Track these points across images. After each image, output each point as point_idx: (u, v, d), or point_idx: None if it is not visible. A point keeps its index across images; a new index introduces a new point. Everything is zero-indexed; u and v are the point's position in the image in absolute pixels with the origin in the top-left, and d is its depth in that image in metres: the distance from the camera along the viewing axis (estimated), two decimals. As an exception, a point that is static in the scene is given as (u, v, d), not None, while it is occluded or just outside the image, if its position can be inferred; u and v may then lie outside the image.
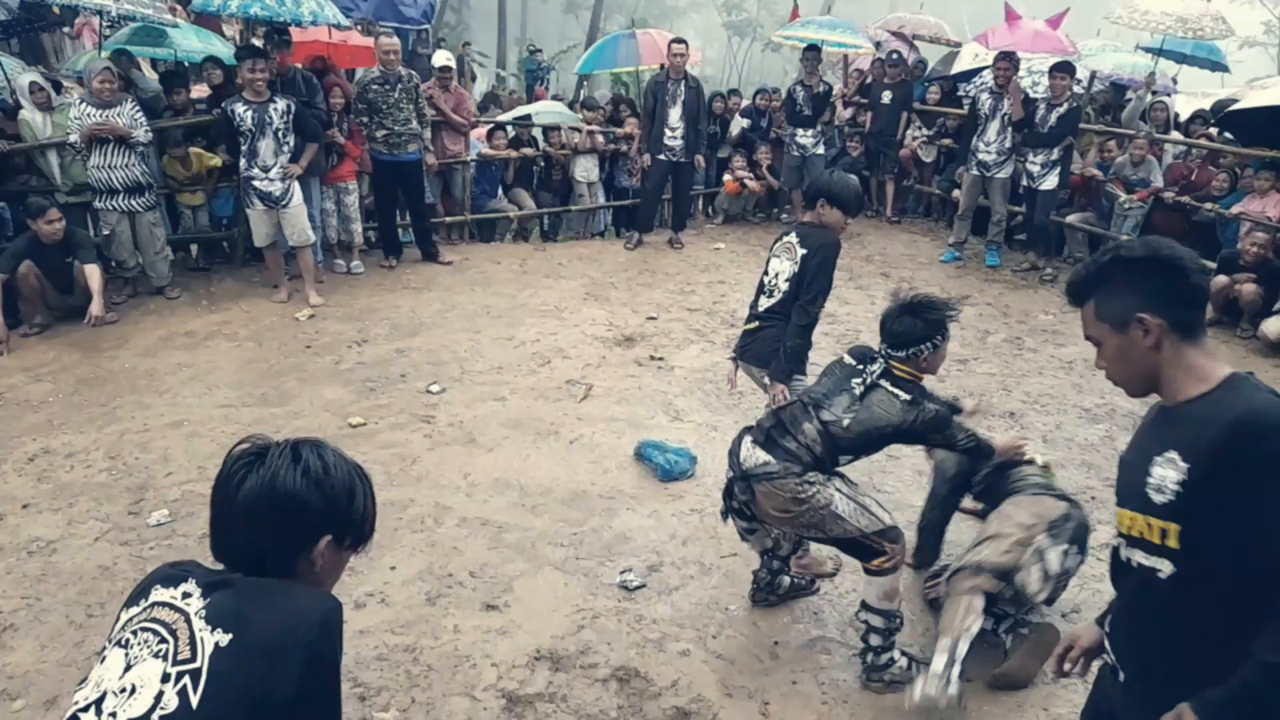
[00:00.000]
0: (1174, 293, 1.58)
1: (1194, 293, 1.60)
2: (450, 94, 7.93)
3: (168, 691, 1.27)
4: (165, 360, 5.58)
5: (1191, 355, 1.59)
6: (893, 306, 3.06)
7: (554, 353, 5.86)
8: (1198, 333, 1.60)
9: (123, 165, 6.11)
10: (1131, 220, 7.88)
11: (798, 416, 3.00)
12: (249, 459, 1.41)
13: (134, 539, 3.79)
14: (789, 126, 9.05)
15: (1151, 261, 1.60)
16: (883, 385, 2.96)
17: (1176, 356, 1.59)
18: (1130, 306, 1.60)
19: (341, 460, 1.47)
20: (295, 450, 1.42)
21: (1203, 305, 1.64)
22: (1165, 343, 1.59)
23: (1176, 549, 1.55)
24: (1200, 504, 1.50)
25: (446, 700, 2.94)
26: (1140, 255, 1.61)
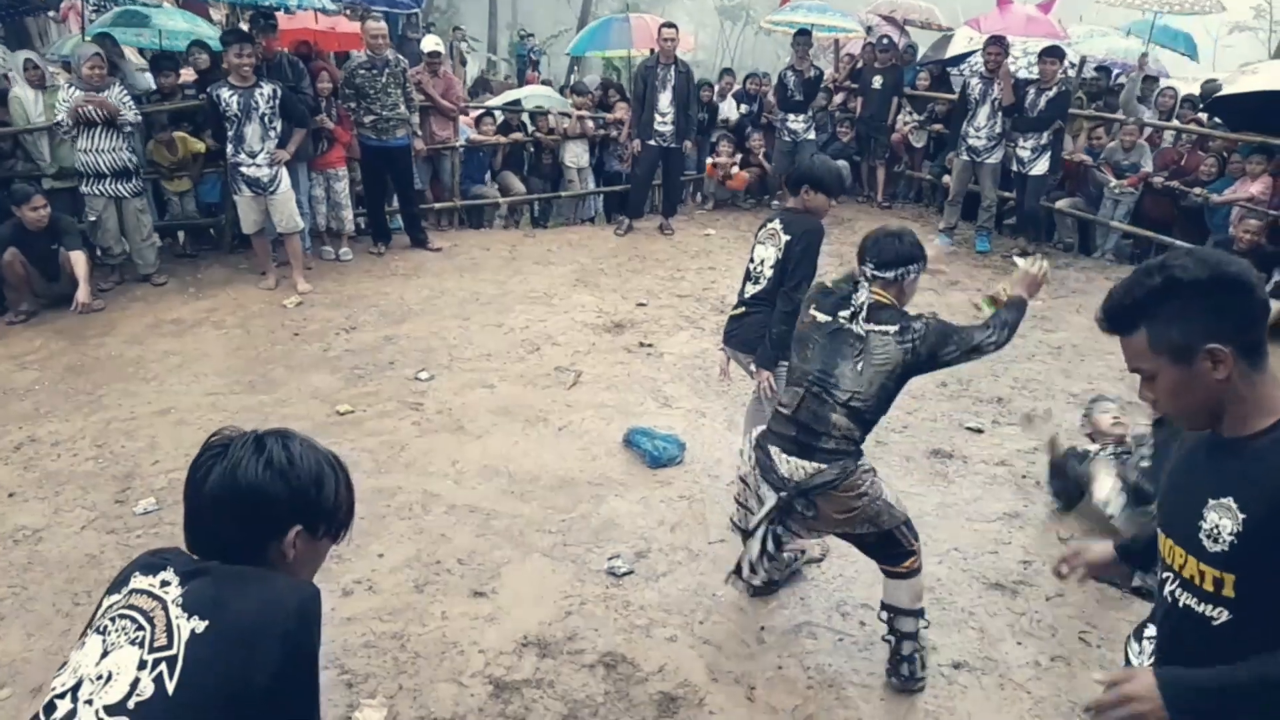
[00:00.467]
0: (1242, 316, 1.41)
1: (1261, 312, 1.43)
2: (439, 79, 7.88)
3: (144, 678, 1.27)
4: (152, 348, 5.55)
5: (1261, 384, 1.43)
6: (874, 232, 2.93)
7: (543, 339, 5.85)
8: (1265, 356, 1.44)
9: (110, 149, 6.06)
10: (1123, 207, 7.90)
11: (818, 411, 2.80)
12: (216, 450, 1.41)
13: (120, 527, 3.78)
14: (780, 112, 9.03)
15: (1216, 282, 1.40)
16: (872, 330, 2.75)
17: (1246, 388, 1.43)
18: (1197, 335, 1.41)
19: (310, 450, 1.45)
20: (259, 441, 1.42)
21: (1265, 324, 1.45)
22: (1236, 374, 1.42)
23: (1233, 598, 1.44)
24: (1259, 554, 1.39)
25: (434, 687, 2.94)
26: (1203, 276, 1.40)
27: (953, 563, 3.71)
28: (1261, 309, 1.42)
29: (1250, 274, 1.41)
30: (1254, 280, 1.41)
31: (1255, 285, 1.41)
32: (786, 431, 2.86)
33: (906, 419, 4.97)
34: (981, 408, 5.16)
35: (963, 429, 4.88)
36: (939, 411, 5.07)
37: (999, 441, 4.77)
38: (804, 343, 2.90)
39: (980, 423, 4.95)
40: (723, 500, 4.12)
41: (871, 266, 2.86)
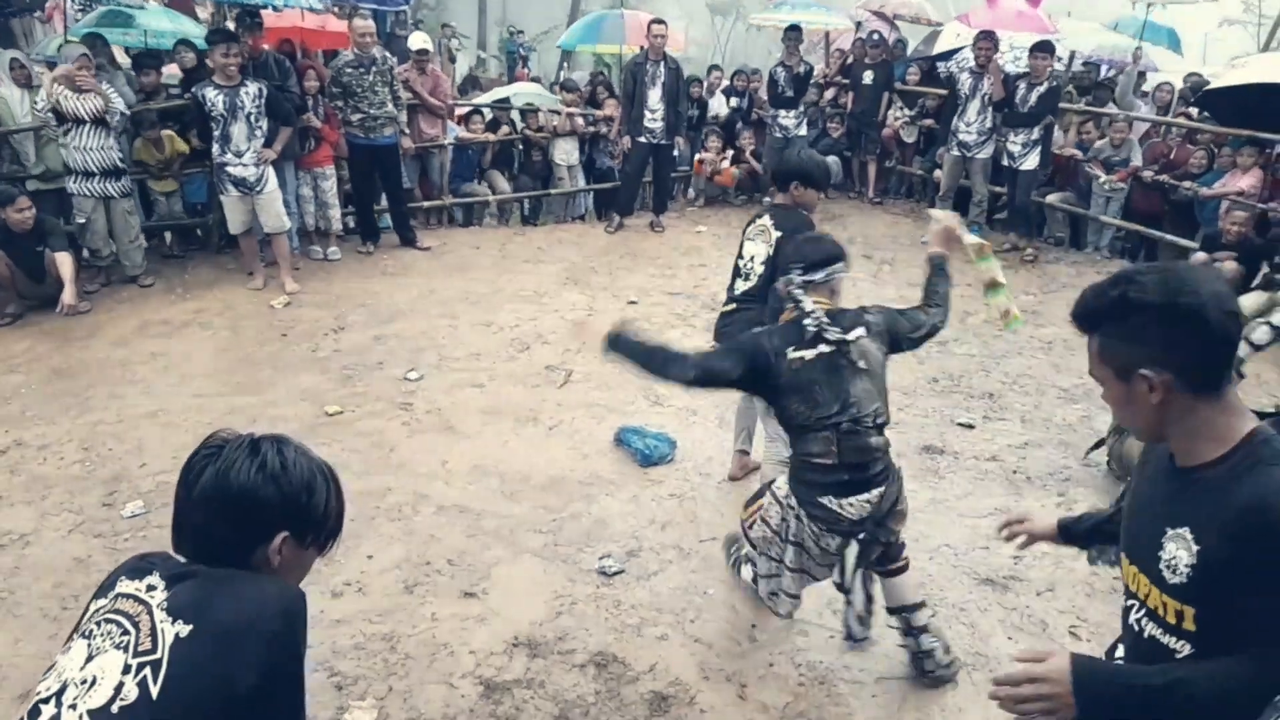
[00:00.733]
0: (1190, 350, 1.34)
1: (1216, 349, 1.35)
2: (427, 76, 7.84)
3: (128, 682, 1.27)
4: (139, 349, 5.52)
5: (1206, 413, 1.37)
6: (792, 240, 2.88)
7: (533, 338, 5.84)
8: (1217, 387, 1.37)
9: (99, 147, 6.03)
10: (1114, 202, 7.91)
11: (859, 445, 2.66)
12: (211, 451, 1.42)
13: (108, 531, 3.76)
14: (771, 108, 9.02)
15: (1167, 310, 1.33)
16: (853, 341, 2.66)
17: (1188, 416, 1.38)
18: (1136, 357, 1.37)
19: (304, 458, 1.45)
20: (255, 445, 1.42)
21: (1226, 359, 1.36)
22: (1174, 401, 1.37)
23: (1194, 631, 1.40)
24: (1215, 588, 1.35)
25: (424, 688, 2.93)
26: (1155, 301, 1.34)
27: (943, 558, 3.71)
28: (1215, 346, 1.35)
29: (1209, 308, 1.32)
30: (1211, 314, 1.32)
31: (1210, 319, 1.32)
32: (837, 478, 2.68)
33: (898, 415, 4.93)
34: (973, 403, 5.16)
35: (954, 425, 4.88)
36: (930, 407, 5.08)
37: (990, 437, 4.78)
38: (805, 389, 2.66)
39: (971, 418, 4.95)
40: (714, 499, 4.12)
41: (799, 272, 2.76)
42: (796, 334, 2.68)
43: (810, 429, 2.68)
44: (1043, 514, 2.01)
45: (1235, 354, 1.39)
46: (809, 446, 2.70)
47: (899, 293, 7.00)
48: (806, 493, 2.73)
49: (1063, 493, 4.28)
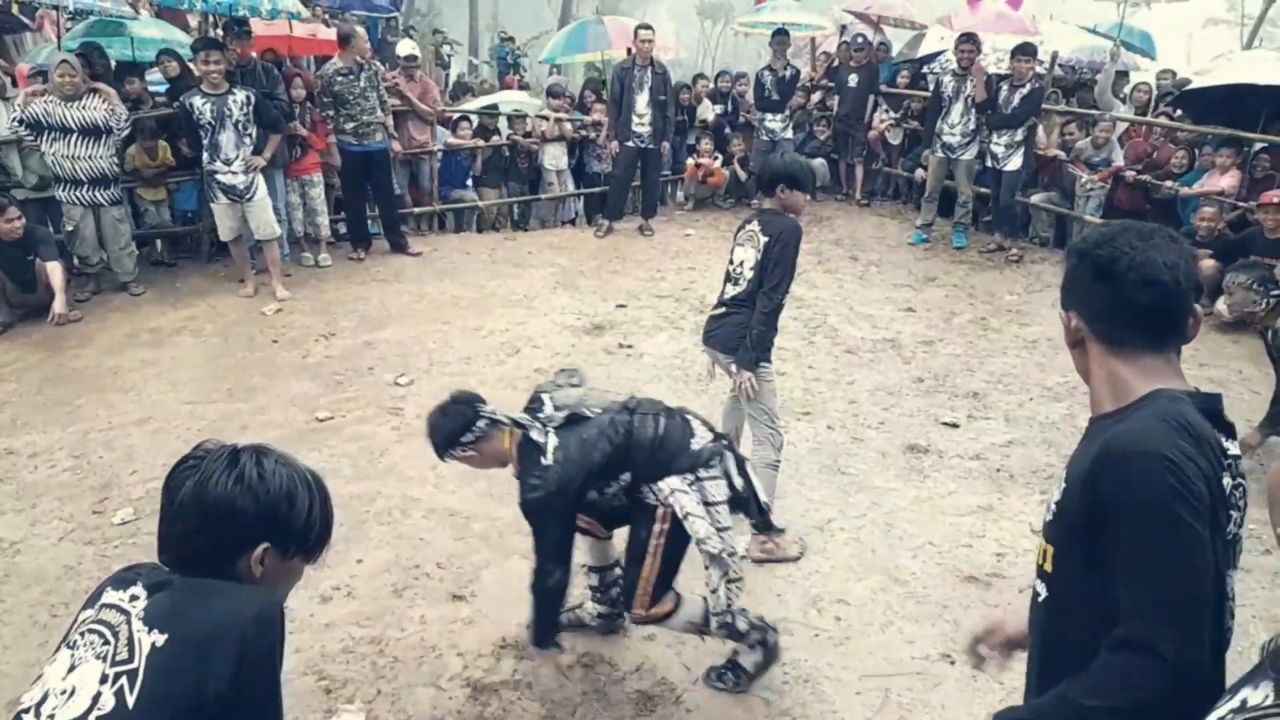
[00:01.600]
0: (1099, 301, 1.42)
1: (1125, 308, 1.39)
2: (415, 83, 7.88)
3: (105, 692, 1.29)
4: (130, 357, 5.54)
5: (1115, 368, 1.42)
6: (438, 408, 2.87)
7: (523, 342, 5.87)
8: (1133, 346, 1.41)
9: (86, 156, 6.04)
10: (1095, 200, 7.98)
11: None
12: (192, 463, 1.43)
13: (98, 538, 3.78)
14: (758, 112, 9.08)
15: (1084, 258, 1.43)
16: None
17: (1100, 366, 1.44)
18: (1065, 297, 1.48)
19: (284, 467, 1.46)
20: (234, 456, 1.43)
21: (1140, 321, 1.40)
22: (1091, 348, 1.45)
23: (1050, 572, 1.45)
24: (1066, 530, 1.40)
25: (412, 691, 2.96)
26: (1079, 248, 1.46)
27: (927, 556, 3.76)
28: (1124, 301, 1.38)
29: (1121, 266, 1.37)
30: (1121, 272, 1.37)
31: (1119, 277, 1.37)
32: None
33: (883, 415, 5.02)
34: (957, 402, 5.21)
35: (938, 424, 4.93)
36: (915, 407, 5.13)
37: (974, 436, 4.83)
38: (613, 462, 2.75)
39: (956, 417, 5.00)
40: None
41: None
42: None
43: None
44: (1014, 618, 1.78)
45: (1160, 322, 1.39)
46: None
47: (885, 294, 7.07)
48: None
49: (1045, 490, 4.33)
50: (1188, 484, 1.26)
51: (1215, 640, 1.34)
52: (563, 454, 2.68)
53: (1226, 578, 1.36)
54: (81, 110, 5.98)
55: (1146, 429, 1.31)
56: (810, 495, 4.20)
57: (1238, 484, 1.39)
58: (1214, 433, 1.36)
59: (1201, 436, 1.32)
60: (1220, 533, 1.32)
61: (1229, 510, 1.35)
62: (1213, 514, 1.29)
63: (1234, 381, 5.64)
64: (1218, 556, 1.31)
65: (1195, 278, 1.41)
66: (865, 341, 6.07)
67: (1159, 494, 1.27)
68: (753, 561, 3.67)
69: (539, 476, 2.66)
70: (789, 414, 4.89)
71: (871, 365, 5.70)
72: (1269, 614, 3.40)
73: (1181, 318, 1.40)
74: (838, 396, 5.24)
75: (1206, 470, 1.29)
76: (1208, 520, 1.28)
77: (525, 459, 2.72)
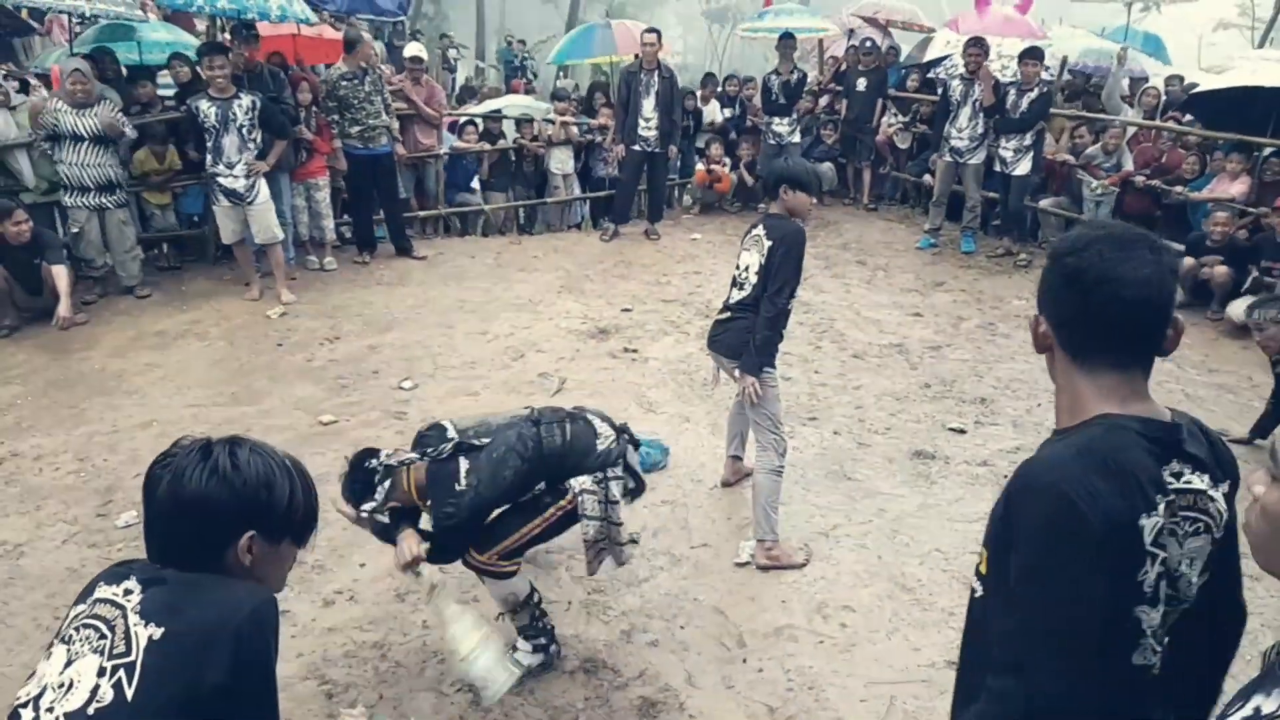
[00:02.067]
0: (1067, 309, 1.35)
1: (1090, 319, 1.33)
2: (422, 86, 7.89)
3: (103, 685, 1.30)
4: (135, 361, 5.54)
5: (1076, 380, 1.37)
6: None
7: (528, 346, 5.86)
8: (1095, 361, 1.34)
9: (95, 163, 6.08)
10: (1104, 206, 7.95)
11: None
12: (167, 460, 1.44)
13: (102, 541, 3.78)
14: (765, 116, 9.07)
15: (1053, 262, 1.37)
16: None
17: (1063, 376, 1.40)
18: (1038, 301, 1.42)
19: (258, 456, 1.46)
20: (206, 449, 1.43)
21: (1107, 335, 1.33)
22: (1057, 356, 1.39)
23: (984, 574, 1.43)
24: (992, 540, 1.39)
25: (414, 696, 2.95)
26: (1051, 252, 1.40)
27: (934, 563, 3.73)
28: (1088, 314, 1.32)
29: (1090, 277, 1.29)
30: (1088, 284, 1.30)
31: (1083, 287, 1.30)
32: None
33: (890, 420, 4.99)
34: (964, 408, 5.18)
35: (945, 430, 4.90)
36: (922, 413, 5.09)
37: (981, 442, 4.79)
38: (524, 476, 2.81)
39: (963, 423, 4.97)
40: (705, 505, 4.15)
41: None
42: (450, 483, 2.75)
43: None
44: None
45: (1125, 338, 1.32)
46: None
47: (892, 299, 7.04)
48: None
49: (1053, 497, 4.29)
50: (1080, 523, 1.22)
51: (1127, 677, 1.29)
52: (475, 477, 2.69)
53: (1141, 615, 1.28)
54: (93, 118, 6.01)
55: (1056, 462, 1.29)
56: (816, 501, 4.18)
57: (1184, 517, 1.30)
58: (1155, 467, 1.28)
59: (1125, 472, 1.25)
60: (1128, 572, 1.26)
61: (1155, 547, 1.27)
62: (1122, 552, 1.24)
63: (1244, 388, 5.60)
64: (1121, 595, 1.26)
65: (1172, 291, 1.32)
66: (872, 346, 6.04)
67: (1046, 529, 1.25)
68: (758, 568, 3.65)
69: (454, 503, 2.68)
70: (795, 419, 4.87)
71: (878, 370, 5.67)
72: (1278, 623, 3.36)
73: (1151, 335, 1.32)
74: (844, 401, 5.21)
75: (1117, 510, 1.24)
76: (1104, 560, 1.23)
77: (437, 486, 2.72)
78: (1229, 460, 1.39)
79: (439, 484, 2.72)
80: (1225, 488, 1.36)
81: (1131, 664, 1.29)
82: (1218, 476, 1.35)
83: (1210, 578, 1.37)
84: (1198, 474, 1.32)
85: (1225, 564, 1.39)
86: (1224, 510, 1.35)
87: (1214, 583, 1.38)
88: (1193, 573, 1.33)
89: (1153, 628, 1.30)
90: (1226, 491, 1.36)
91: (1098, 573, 1.24)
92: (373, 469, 2.78)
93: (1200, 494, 1.31)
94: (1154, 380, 1.44)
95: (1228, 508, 1.36)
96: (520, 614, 2.96)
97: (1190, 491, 1.31)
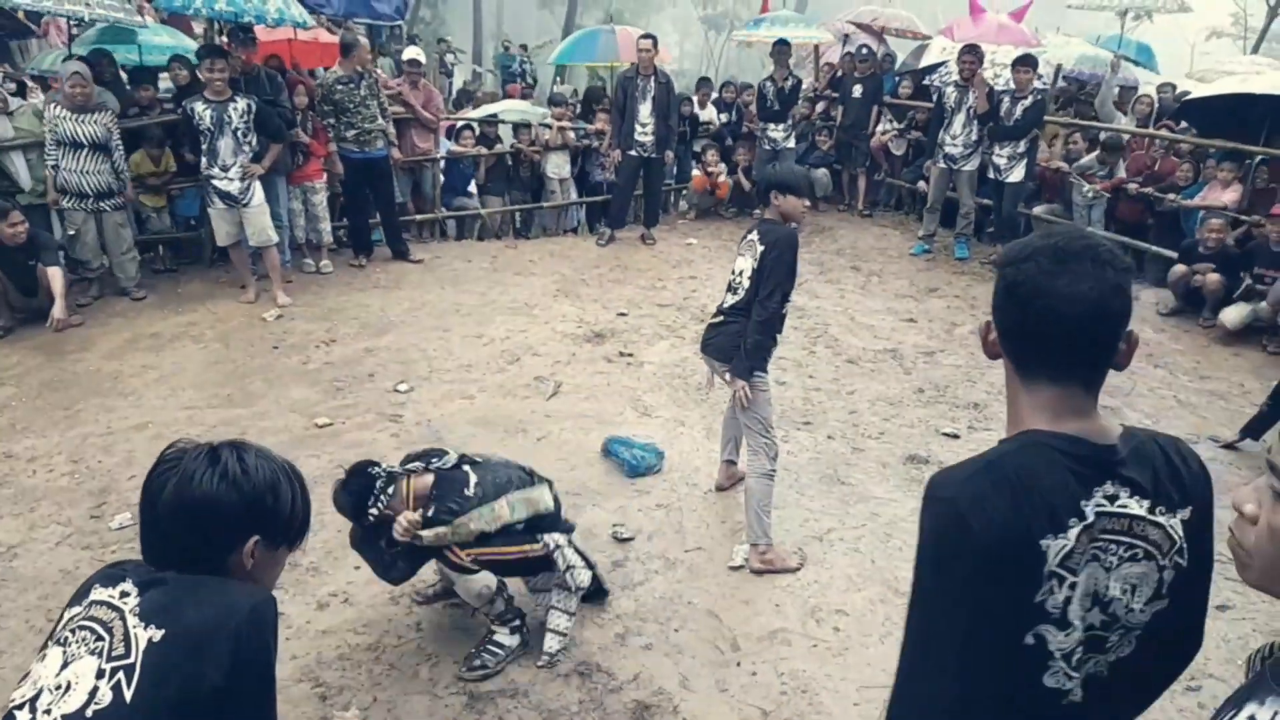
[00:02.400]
0: (1009, 320, 1.30)
1: (1028, 333, 1.27)
2: (419, 90, 7.91)
3: (102, 687, 1.30)
4: (130, 362, 5.54)
5: (1017, 392, 1.32)
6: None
7: (523, 350, 5.87)
8: (1035, 373, 1.29)
9: (94, 170, 6.09)
10: (1097, 212, 8.00)
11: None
12: (171, 463, 1.43)
13: (95, 542, 3.77)
14: (760, 122, 9.11)
15: (1000, 275, 1.31)
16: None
17: (1009, 386, 1.34)
18: (991, 306, 1.35)
19: (264, 461, 1.47)
20: (214, 453, 1.44)
21: (1044, 350, 1.27)
22: (1005, 365, 1.34)
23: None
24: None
25: (408, 699, 2.95)
26: (999, 259, 1.34)
27: (927, 567, 3.74)
28: (1027, 327, 1.27)
29: (1026, 289, 1.24)
30: (1024, 296, 1.24)
31: (1021, 299, 1.25)
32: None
33: (883, 425, 5.01)
34: (958, 413, 5.20)
35: (939, 435, 4.92)
36: (915, 417, 5.11)
37: (974, 447, 4.79)
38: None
39: (956, 428, 4.99)
40: (700, 509, 4.16)
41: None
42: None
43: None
44: None
45: (1062, 354, 1.26)
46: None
47: (886, 304, 7.07)
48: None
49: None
50: (966, 535, 1.20)
51: (1037, 697, 1.27)
52: (481, 490, 3.00)
53: (1046, 636, 1.24)
54: (92, 125, 6.03)
55: (959, 475, 1.26)
56: (810, 505, 4.19)
57: (1113, 542, 1.25)
58: (1076, 489, 1.23)
59: (1030, 491, 1.21)
60: (1025, 591, 1.22)
61: (1063, 569, 1.23)
62: (1016, 570, 1.21)
63: (1235, 395, 5.63)
64: (1018, 613, 1.23)
65: (1118, 306, 1.23)
66: (866, 351, 6.06)
67: (936, 540, 1.25)
68: (751, 572, 3.66)
69: (459, 503, 2.95)
70: (789, 423, 4.89)
71: (872, 375, 5.69)
72: (1269, 627, 3.38)
73: (1093, 350, 1.26)
74: (838, 406, 5.23)
75: (1009, 526, 1.20)
76: (993, 574, 1.21)
77: (446, 488, 3.00)
78: (1193, 484, 1.31)
79: (449, 486, 3.01)
80: (1185, 514, 1.29)
81: (1043, 685, 1.26)
82: (1170, 502, 1.28)
83: (1169, 606, 1.31)
84: (1135, 498, 1.26)
85: (1187, 593, 1.32)
86: (1175, 537, 1.28)
87: (1172, 611, 1.31)
88: (1135, 599, 1.28)
89: (1063, 650, 1.25)
90: (1187, 518, 1.29)
91: (986, 586, 1.21)
92: (375, 475, 3.02)
93: (1136, 519, 1.26)
94: (1148, 386, 1.42)
95: (1184, 535, 1.29)
96: (495, 604, 3.07)
97: (1123, 516, 1.25)
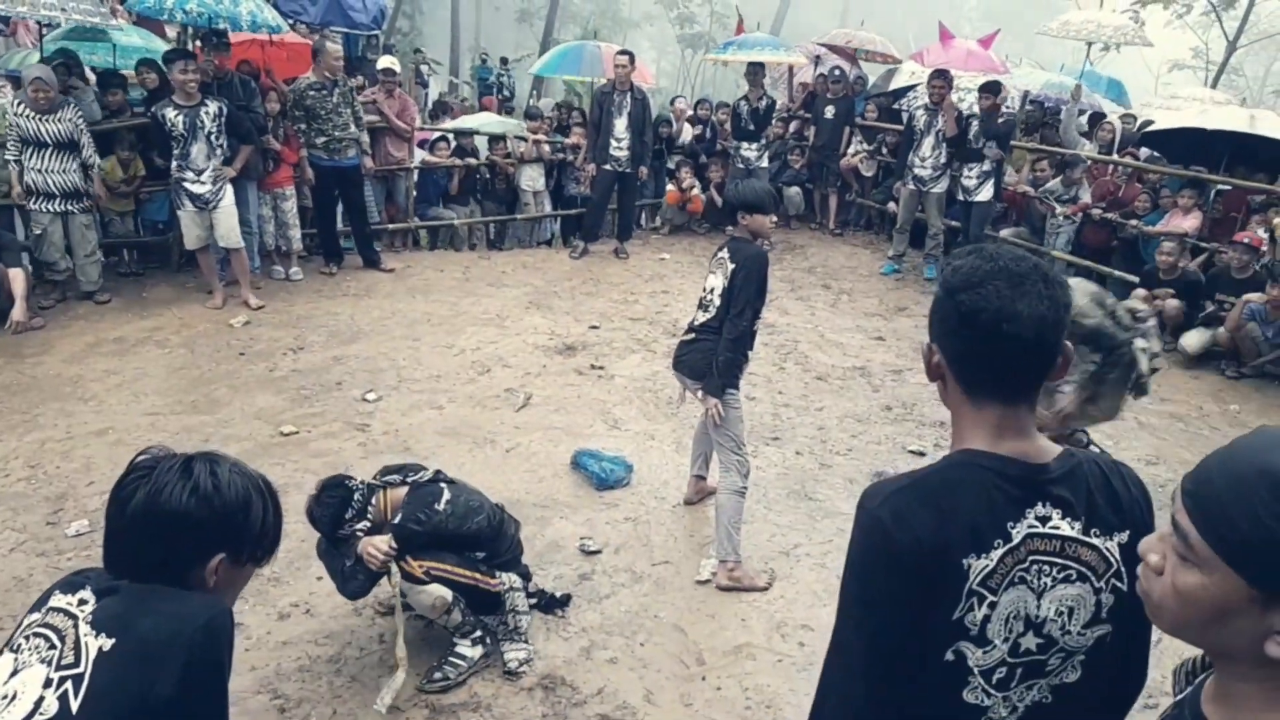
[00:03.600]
0: (961, 345, 1.28)
1: (983, 358, 1.27)
2: (394, 99, 7.89)
3: (48, 696, 1.27)
4: (92, 367, 5.44)
5: (964, 413, 1.31)
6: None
7: (494, 361, 5.85)
8: (984, 396, 1.28)
9: (60, 170, 6.00)
10: (1064, 236, 8.15)
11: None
12: (142, 472, 1.40)
13: (51, 549, 3.69)
14: (734, 140, 9.19)
15: (951, 302, 1.27)
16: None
17: (953, 407, 1.34)
18: (931, 330, 1.34)
19: (237, 475, 1.44)
20: (187, 465, 1.40)
21: (999, 373, 1.26)
22: (950, 387, 1.33)
23: None
24: None
25: (368, 712, 2.90)
26: (946, 285, 1.30)
27: (891, 583, 3.76)
28: (974, 352, 1.27)
29: (986, 316, 1.22)
30: (982, 321, 1.23)
31: (979, 326, 1.23)
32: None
33: (851, 442, 5.05)
34: (924, 431, 5.26)
35: (905, 452, 4.97)
36: (883, 435, 5.16)
37: (940, 464, 4.86)
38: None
39: (922, 446, 5.04)
40: (668, 523, 4.16)
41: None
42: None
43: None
44: None
45: (1016, 375, 1.27)
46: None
47: (855, 322, 7.14)
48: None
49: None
50: (886, 546, 1.23)
51: (955, 713, 1.28)
52: (451, 508, 3.04)
53: (965, 652, 1.25)
54: (57, 124, 5.94)
55: (891, 488, 1.27)
56: (777, 520, 4.21)
57: (1043, 563, 1.25)
58: (1005, 509, 1.24)
59: (954, 509, 1.23)
60: (944, 607, 1.23)
61: (984, 589, 1.23)
62: (935, 585, 1.22)
63: (1194, 417, 5.75)
64: (935, 628, 1.24)
65: (1064, 324, 1.26)
66: (835, 369, 6.12)
67: (860, 553, 1.29)
68: (719, 588, 3.67)
69: (426, 514, 3.00)
70: (758, 439, 4.91)
71: (841, 392, 5.74)
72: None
73: (1042, 368, 1.28)
74: (807, 423, 5.27)
75: (930, 542, 1.21)
76: (912, 587, 1.22)
77: (417, 499, 3.04)
78: (1132, 507, 1.31)
79: (420, 498, 3.05)
80: (1122, 537, 1.28)
81: (963, 701, 1.28)
82: (1105, 525, 1.28)
83: (1112, 631, 1.30)
84: (1067, 520, 1.26)
85: (1130, 619, 1.29)
86: (1112, 560, 1.28)
87: (1116, 637, 1.31)
88: (1071, 621, 1.27)
89: (981, 667, 1.26)
90: (1125, 541, 1.28)
91: (907, 599, 1.23)
92: (353, 488, 3.07)
93: (1068, 540, 1.26)
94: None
95: (1121, 558, 1.28)
96: (452, 614, 3.06)
97: (1054, 537, 1.25)
